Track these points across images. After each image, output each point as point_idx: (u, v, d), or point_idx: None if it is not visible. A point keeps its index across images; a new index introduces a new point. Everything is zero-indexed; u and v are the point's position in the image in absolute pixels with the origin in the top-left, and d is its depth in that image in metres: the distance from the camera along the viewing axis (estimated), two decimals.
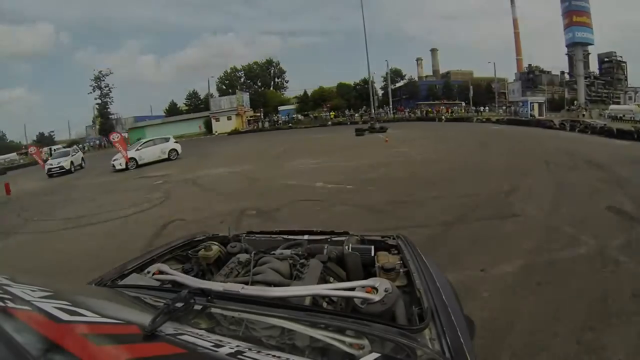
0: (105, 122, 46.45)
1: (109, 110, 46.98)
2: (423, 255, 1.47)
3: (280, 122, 44.55)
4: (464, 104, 46.27)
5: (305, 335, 0.87)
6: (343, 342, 0.83)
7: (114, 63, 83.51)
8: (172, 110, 52.65)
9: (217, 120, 42.98)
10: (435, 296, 1.08)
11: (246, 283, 1.21)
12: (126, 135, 45.29)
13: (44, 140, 56.92)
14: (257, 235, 1.89)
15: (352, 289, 1.09)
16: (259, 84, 55.70)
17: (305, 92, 52.84)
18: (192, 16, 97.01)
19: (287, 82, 56.74)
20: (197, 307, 0.89)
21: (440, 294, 1.10)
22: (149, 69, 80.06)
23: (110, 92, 46.08)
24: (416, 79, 54.52)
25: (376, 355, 0.70)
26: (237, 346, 0.67)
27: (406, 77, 53.61)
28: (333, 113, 44.26)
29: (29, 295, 0.79)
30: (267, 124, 43.52)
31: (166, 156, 17.00)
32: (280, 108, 48.81)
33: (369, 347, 0.77)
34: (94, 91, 45.43)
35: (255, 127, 43.19)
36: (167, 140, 17.83)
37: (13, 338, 0.58)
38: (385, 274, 1.31)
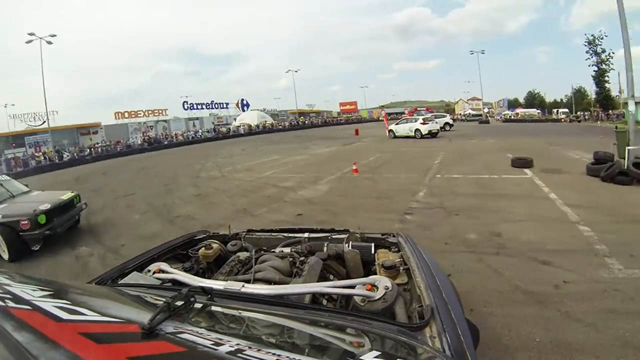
0: (600, 93, 37.90)
1: (606, 79, 37.18)
2: (423, 253, 1.47)
3: None
4: None
5: (306, 333, 0.87)
6: (343, 340, 0.83)
7: None
8: None
9: None
10: (435, 294, 1.07)
11: (247, 281, 1.21)
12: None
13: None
14: (257, 234, 1.89)
15: (353, 286, 1.09)
16: None
17: None
18: None
19: None
20: (198, 305, 0.89)
21: (440, 292, 1.10)
22: None
23: (611, 58, 35.92)
24: None
25: (376, 353, 0.70)
26: (237, 344, 0.67)
27: None
28: None
29: (29, 295, 0.79)
30: None
31: (412, 134, 18.79)
32: None
33: (369, 345, 0.77)
34: (591, 57, 36.88)
35: None
36: (415, 120, 19.82)
37: (13, 337, 0.58)
38: (385, 271, 1.30)
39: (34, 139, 30.73)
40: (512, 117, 43.35)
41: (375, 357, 0.68)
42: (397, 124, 20.36)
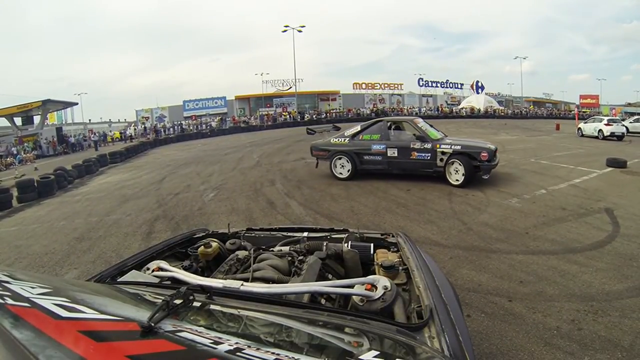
0: None
1: None
2: (422, 253, 1.47)
3: None
4: None
5: (304, 333, 0.87)
6: (342, 339, 0.83)
7: None
8: None
9: None
10: (434, 294, 1.07)
11: (245, 280, 1.21)
12: None
13: None
14: (256, 232, 1.89)
15: (352, 286, 1.09)
16: None
17: None
18: None
19: None
20: (197, 304, 0.89)
21: (439, 293, 1.10)
22: None
23: None
24: None
25: (375, 352, 0.70)
26: (237, 343, 0.67)
27: None
28: None
29: (28, 292, 0.79)
30: None
31: (596, 134, 16.90)
32: None
33: (368, 344, 0.77)
34: None
35: None
36: (600, 121, 17.88)
37: (12, 335, 0.57)
38: (384, 271, 1.31)
39: (281, 101, 38.51)
40: None
41: (374, 356, 0.68)
42: (585, 122, 18.60)
